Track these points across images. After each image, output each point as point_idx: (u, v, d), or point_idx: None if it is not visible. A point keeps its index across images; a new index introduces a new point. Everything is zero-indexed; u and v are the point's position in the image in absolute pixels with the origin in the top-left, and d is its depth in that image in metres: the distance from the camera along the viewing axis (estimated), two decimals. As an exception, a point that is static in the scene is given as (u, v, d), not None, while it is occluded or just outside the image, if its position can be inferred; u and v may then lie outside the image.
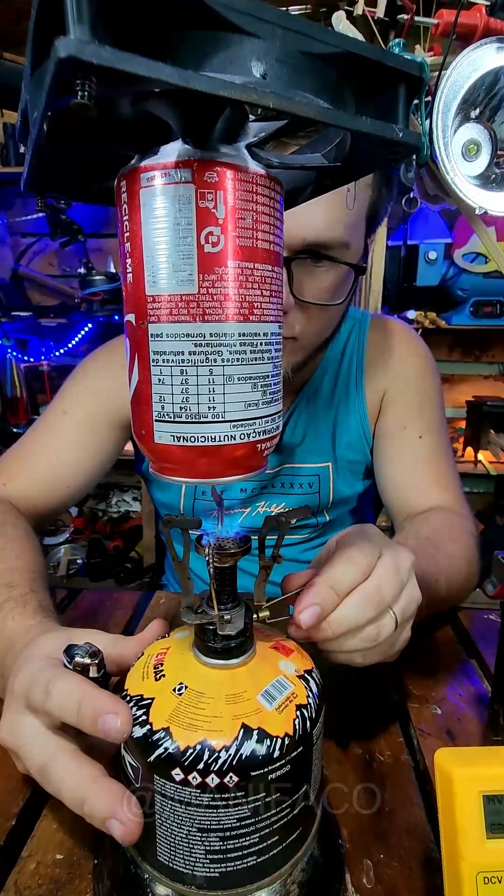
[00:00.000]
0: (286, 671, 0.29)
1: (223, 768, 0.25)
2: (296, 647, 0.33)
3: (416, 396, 0.70)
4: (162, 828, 0.26)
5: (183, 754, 0.25)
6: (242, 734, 0.26)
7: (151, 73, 0.15)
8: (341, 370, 0.70)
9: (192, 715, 0.26)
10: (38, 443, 0.69)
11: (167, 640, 0.32)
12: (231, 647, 0.28)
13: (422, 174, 0.25)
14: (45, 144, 0.20)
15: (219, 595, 0.28)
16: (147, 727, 0.26)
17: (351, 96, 0.21)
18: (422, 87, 0.21)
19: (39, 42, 0.17)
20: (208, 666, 0.28)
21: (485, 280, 1.67)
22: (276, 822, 0.26)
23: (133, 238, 0.22)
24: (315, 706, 0.29)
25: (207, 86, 0.16)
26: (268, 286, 0.23)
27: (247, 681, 0.28)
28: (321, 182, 0.29)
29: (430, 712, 0.46)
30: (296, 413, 0.69)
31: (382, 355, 0.71)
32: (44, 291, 2.03)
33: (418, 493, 0.67)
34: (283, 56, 0.18)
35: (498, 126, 0.24)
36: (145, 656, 0.31)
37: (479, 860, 0.23)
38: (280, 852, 0.27)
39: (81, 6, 0.14)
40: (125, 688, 0.29)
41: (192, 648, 0.30)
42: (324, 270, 0.53)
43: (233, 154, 0.21)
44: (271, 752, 0.25)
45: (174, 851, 0.26)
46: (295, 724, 0.27)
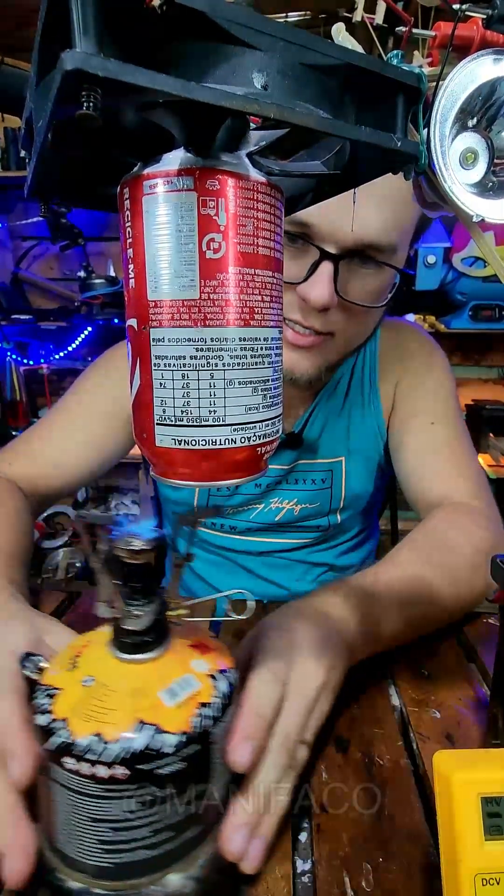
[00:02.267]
0: (196, 669, 0.30)
1: (113, 760, 0.25)
2: (218, 646, 0.33)
3: (428, 385, 0.70)
4: (60, 815, 0.27)
5: (75, 744, 0.26)
6: (135, 728, 0.26)
7: (155, 84, 0.15)
8: (356, 367, 0.71)
9: (93, 707, 0.27)
10: (48, 427, 0.70)
11: (91, 634, 0.32)
12: (141, 642, 0.29)
13: (420, 182, 0.25)
14: (49, 152, 0.21)
15: (131, 591, 0.29)
16: (48, 716, 0.27)
17: (350, 106, 0.21)
18: (420, 98, 0.21)
19: (45, 53, 0.18)
20: (119, 660, 0.29)
21: (484, 284, 1.68)
22: (170, 818, 0.27)
23: (136, 244, 0.22)
24: (220, 705, 0.29)
25: (210, 97, 0.16)
26: (268, 292, 0.23)
27: (153, 676, 0.28)
28: (321, 189, 0.29)
29: (430, 717, 0.46)
30: (316, 411, 0.69)
31: (394, 351, 0.71)
32: (44, 295, 2.04)
33: (431, 481, 0.66)
34: (284, 67, 0.18)
35: (495, 135, 0.24)
36: (68, 649, 0.32)
37: (477, 862, 0.24)
38: (176, 848, 0.28)
39: (87, 20, 0.15)
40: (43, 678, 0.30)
41: (109, 643, 0.30)
42: (370, 273, 0.53)
43: (234, 162, 0.21)
44: (163, 748, 0.26)
45: (69, 839, 0.27)
46: (192, 722, 0.27)
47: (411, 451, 0.69)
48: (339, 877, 0.32)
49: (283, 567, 0.75)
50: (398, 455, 0.70)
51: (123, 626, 0.29)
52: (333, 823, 0.36)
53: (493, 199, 0.24)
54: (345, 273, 0.52)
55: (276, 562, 0.75)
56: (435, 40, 0.21)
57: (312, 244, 0.50)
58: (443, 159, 0.23)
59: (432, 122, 0.22)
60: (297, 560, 0.75)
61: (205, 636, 0.34)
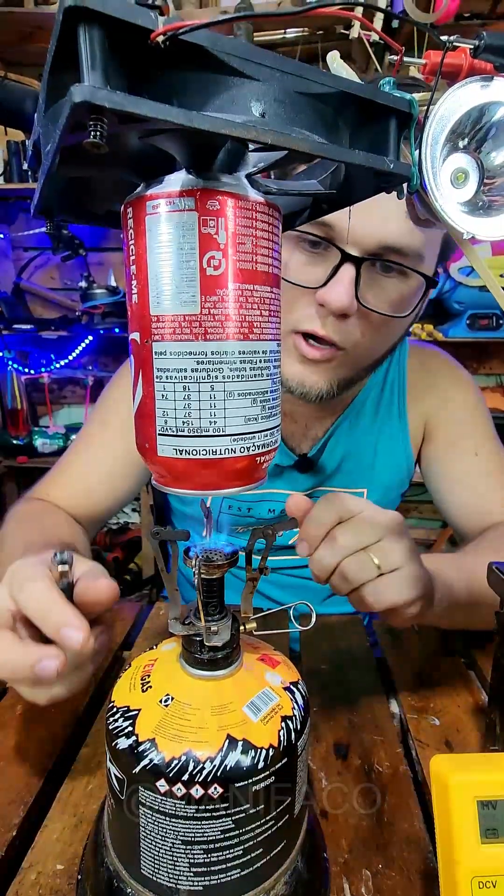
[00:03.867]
0: (272, 683, 0.30)
1: (207, 779, 0.25)
2: (283, 658, 0.33)
3: (465, 417, 0.70)
4: (146, 840, 0.26)
5: (168, 765, 0.25)
6: (227, 745, 0.26)
7: (159, 114, 0.16)
8: (384, 395, 0.70)
9: (178, 726, 0.26)
10: (78, 455, 0.70)
11: (155, 652, 0.32)
12: (217, 658, 0.28)
13: (413, 200, 0.26)
14: (55, 174, 0.22)
15: (206, 606, 0.29)
16: (133, 738, 0.26)
17: (345, 130, 0.22)
18: (411, 122, 0.22)
19: (54, 82, 0.18)
20: (195, 677, 0.29)
21: (481, 293, 1.70)
22: (261, 835, 0.26)
23: (138, 261, 0.23)
24: (300, 718, 0.29)
25: (211, 125, 0.17)
26: (266, 306, 0.24)
27: (233, 692, 0.28)
28: (317, 206, 0.30)
29: (429, 724, 0.46)
30: (335, 435, 0.68)
31: (424, 381, 0.70)
32: (45, 304, 2.06)
33: (486, 511, 0.65)
34: (280, 96, 0.19)
35: (484, 156, 0.25)
36: (132, 668, 0.31)
37: (474, 865, 0.24)
38: (264, 865, 0.27)
39: (95, 55, 0.15)
40: (112, 699, 0.30)
41: (179, 660, 0.30)
42: (393, 282, 0.51)
43: (233, 183, 0.22)
44: (256, 763, 0.26)
45: (158, 865, 0.26)
46: (280, 736, 0.27)
47: (458, 483, 0.68)
48: (338, 883, 0.33)
49: (289, 586, 0.74)
50: (441, 487, 0.70)
51: (206, 642, 0.28)
52: (333, 829, 0.36)
53: (483, 217, 0.25)
54: (366, 279, 0.50)
55: (282, 580, 0.74)
56: (425, 67, 0.21)
57: (334, 245, 0.49)
58: (434, 179, 0.24)
59: (424, 144, 0.23)
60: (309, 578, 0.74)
61: (268, 648, 0.33)
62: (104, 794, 0.35)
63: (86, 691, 0.49)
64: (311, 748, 0.40)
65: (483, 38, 0.20)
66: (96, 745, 0.43)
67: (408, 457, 0.71)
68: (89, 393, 2.06)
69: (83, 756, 0.42)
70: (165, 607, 0.66)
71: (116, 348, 2.00)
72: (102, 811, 0.33)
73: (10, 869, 0.33)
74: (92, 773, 0.40)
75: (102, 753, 0.42)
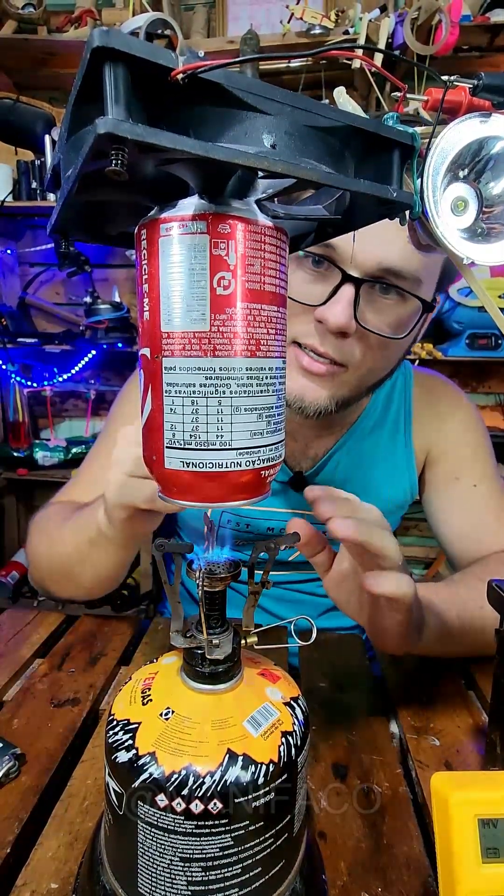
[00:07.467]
0: (272, 697, 0.30)
1: (207, 794, 0.24)
2: (283, 674, 0.33)
3: (466, 449, 0.71)
4: (144, 857, 0.26)
5: (168, 779, 0.25)
6: (227, 760, 0.25)
7: (177, 145, 0.17)
8: (387, 420, 0.71)
9: (178, 740, 0.26)
10: (90, 471, 0.71)
11: (155, 666, 0.32)
12: (218, 671, 0.28)
13: (415, 226, 0.27)
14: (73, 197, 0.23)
15: (208, 619, 0.29)
16: (133, 752, 0.26)
17: (351, 160, 0.23)
18: (414, 154, 0.23)
19: (78, 112, 0.20)
20: (195, 691, 0.28)
21: (480, 313, 1.72)
22: (260, 853, 0.26)
23: (151, 280, 0.24)
24: (300, 734, 0.28)
25: (224, 155, 0.18)
26: (273, 325, 0.25)
27: (233, 706, 0.28)
28: (323, 230, 0.31)
29: (429, 744, 0.46)
30: (337, 455, 0.69)
31: (428, 410, 0.71)
32: (50, 319, 2.08)
33: (483, 543, 0.66)
34: (290, 129, 0.20)
35: (483, 186, 0.27)
36: (133, 681, 0.31)
37: (474, 885, 0.24)
38: (262, 885, 0.27)
39: (119, 90, 0.17)
40: (112, 713, 0.29)
41: (180, 673, 0.30)
42: (391, 304, 0.53)
43: (244, 208, 0.23)
44: (256, 778, 0.25)
45: (156, 883, 0.26)
46: (280, 751, 0.27)
47: (457, 515, 0.69)
48: (337, 906, 0.32)
49: (287, 600, 0.74)
50: (439, 516, 0.71)
51: (208, 655, 0.28)
52: (332, 851, 0.36)
53: (483, 244, 0.26)
54: (366, 300, 0.52)
55: (281, 594, 0.74)
56: (427, 104, 0.23)
57: (336, 266, 0.51)
58: (435, 207, 0.25)
59: (425, 174, 0.24)
60: (308, 592, 0.74)
61: (268, 663, 0.33)
62: (100, 812, 0.35)
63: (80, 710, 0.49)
64: (309, 767, 0.40)
65: (482, 78, 0.22)
66: (92, 762, 0.43)
67: (412, 484, 0.71)
68: (91, 406, 2.07)
69: (79, 774, 0.41)
70: (163, 622, 0.66)
71: (119, 363, 2.02)
72: (99, 829, 0.32)
73: (3, 887, 0.32)
74: (88, 791, 0.40)
75: (98, 770, 0.42)
